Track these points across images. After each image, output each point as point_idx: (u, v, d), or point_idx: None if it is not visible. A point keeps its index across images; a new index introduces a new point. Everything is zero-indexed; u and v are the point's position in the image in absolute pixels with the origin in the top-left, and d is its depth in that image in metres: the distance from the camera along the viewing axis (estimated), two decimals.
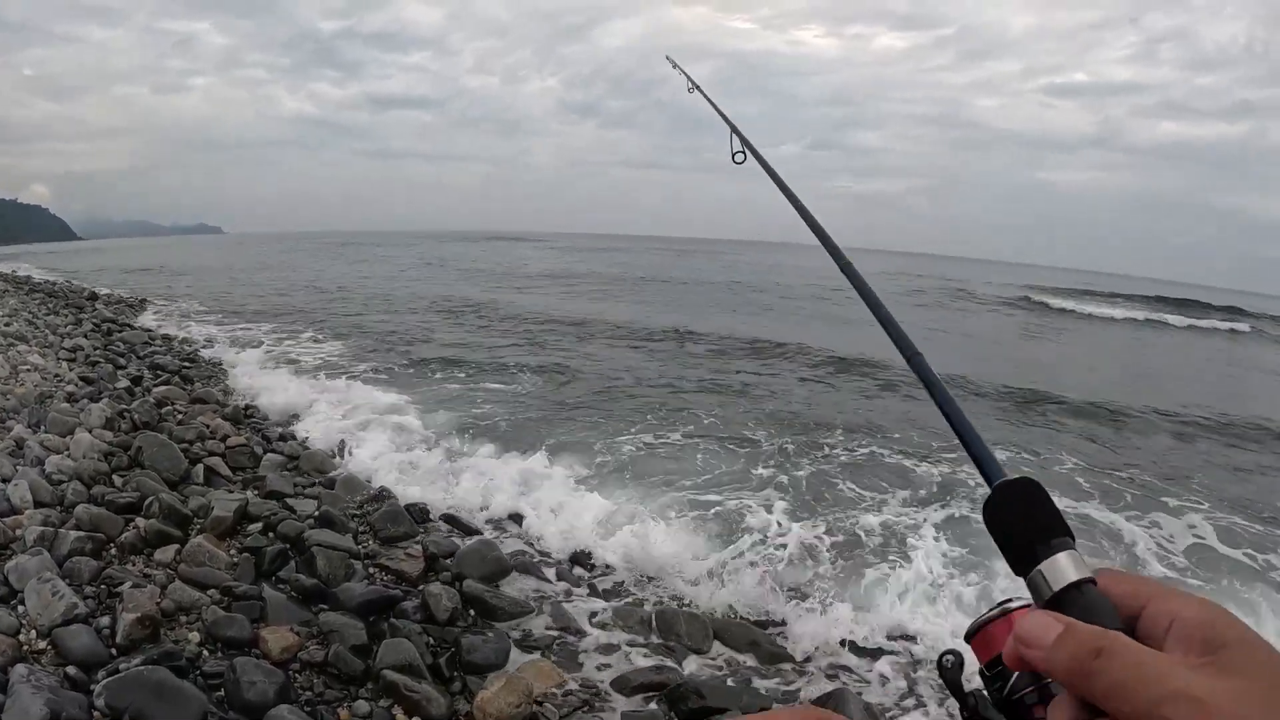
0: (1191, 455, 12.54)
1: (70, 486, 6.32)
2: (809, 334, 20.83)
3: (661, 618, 5.92)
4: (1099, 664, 0.65)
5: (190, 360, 14.34)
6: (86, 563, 5.16)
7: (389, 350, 16.87)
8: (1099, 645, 0.66)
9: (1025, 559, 0.78)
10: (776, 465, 9.68)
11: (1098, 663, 0.65)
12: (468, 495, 8.08)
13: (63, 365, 11.65)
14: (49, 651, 4.27)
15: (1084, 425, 13.62)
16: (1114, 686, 0.64)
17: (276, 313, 22.49)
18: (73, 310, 20.01)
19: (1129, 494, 9.50)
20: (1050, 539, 0.78)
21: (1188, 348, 31.06)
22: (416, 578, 6.04)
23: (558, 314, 23.55)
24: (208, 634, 4.78)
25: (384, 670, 4.69)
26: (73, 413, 8.42)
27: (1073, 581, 0.74)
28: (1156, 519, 8.68)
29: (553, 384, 14.05)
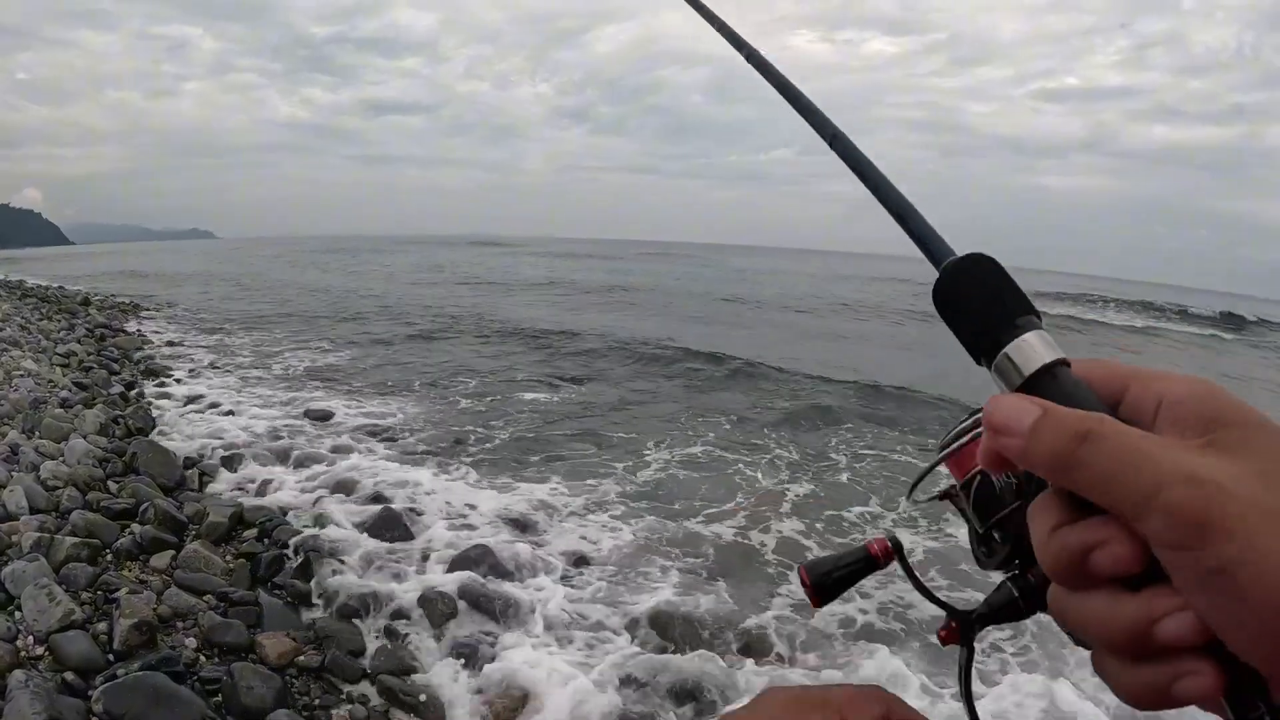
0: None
1: (65, 492, 6.34)
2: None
3: (654, 619, 5.94)
4: (1085, 450, 0.56)
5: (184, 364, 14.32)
6: (83, 569, 5.17)
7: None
8: (1084, 428, 0.57)
9: (988, 345, 0.67)
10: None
11: (1084, 449, 0.56)
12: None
13: (56, 371, 11.63)
14: (47, 657, 4.28)
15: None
16: (1105, 475, 0.55)
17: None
18: (66, 316, 19.97)
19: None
20: (1015, 318, 0.67)
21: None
22: (411, 581, 6.04)
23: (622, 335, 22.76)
24: (205, 639, 4.79)
25: (381, 675, 4.71)
26: (67, 418, 8.42)
27: (1046, 363, 0.64)
28: None
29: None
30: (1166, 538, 0.52)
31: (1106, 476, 0.55)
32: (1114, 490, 0.55)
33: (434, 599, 5.64)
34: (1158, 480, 0.53)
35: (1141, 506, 0.53)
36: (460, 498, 8.09)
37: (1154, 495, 0.53)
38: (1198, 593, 0.52)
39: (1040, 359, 0.64)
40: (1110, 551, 0.55)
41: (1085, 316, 38.32)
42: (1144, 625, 0.54)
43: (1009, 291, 0.69)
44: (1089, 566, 0.56)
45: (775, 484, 9.29)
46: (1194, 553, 0.51)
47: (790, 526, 8.00)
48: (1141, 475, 0.54)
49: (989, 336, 0.67)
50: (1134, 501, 0.54)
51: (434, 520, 7.28)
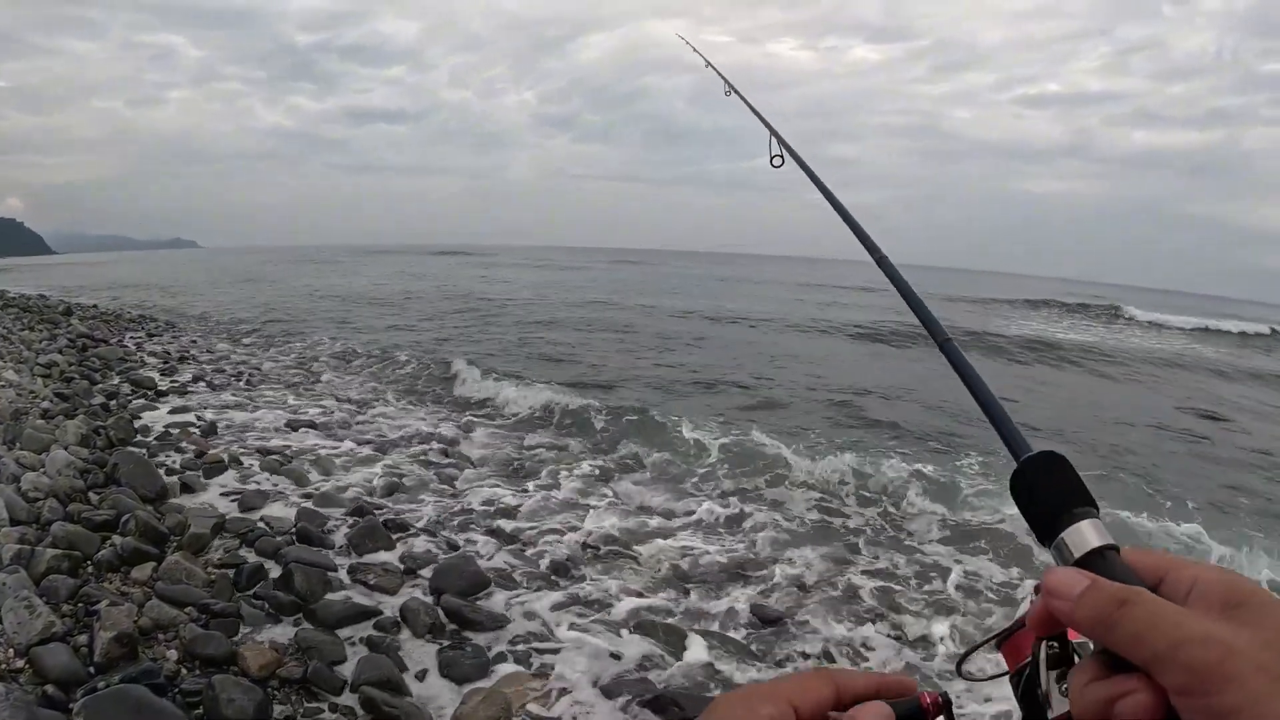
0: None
1: (46, 504, 6.31)
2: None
3: (641, 628, 5.94)
4: (1122, 613, 0.68)
5: (166, 374, 14.26)
6: (63, 580, 5.16)
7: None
8: (1123, 596, 0.69)
9: (1049, 529, 0.80)
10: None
11: (1122, 611, 0.68)
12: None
13: (38, 381, 11.59)
14: (27, 670, 4.27)
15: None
16: (1136, 634, 0.67)
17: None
18: (48, 325, 19.88)
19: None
20: (1073, 508, 0.80)
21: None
22: (394, 591, 6.05)
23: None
24: (186, 651, 4.77)
25: (363, 685, 4.70)
26: (48, 429, 8.38)
27: (1095, 547, 0.77)
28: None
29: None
30: (1184, 686, 0.63)
31: (1138, 635, 0.66)
32: (1143, 647, 0.66)
33: (417, 609, 5.64)
34: (1179, 638, 0.64)
35: (1164, 659, 0.64)
36: (441, 506, 8.11)
37: (1175, 650, 0.64)
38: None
39: (1089, 544, 0.77)
40: (1135, 699, 0.67)
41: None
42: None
43: (1072, 486, 0.82)
44: (1116, 713, 0.68)
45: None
46: (1204, 699, 0.62)
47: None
48: (1166, 634, 0.65)
49: (1050, 522, 0.80)
50: (1158, 655, 0.65)
51: (418, 534, 7.28)
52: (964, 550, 8.03)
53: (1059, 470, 0.84)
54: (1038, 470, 0.85)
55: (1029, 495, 0.84)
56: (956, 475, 10.22)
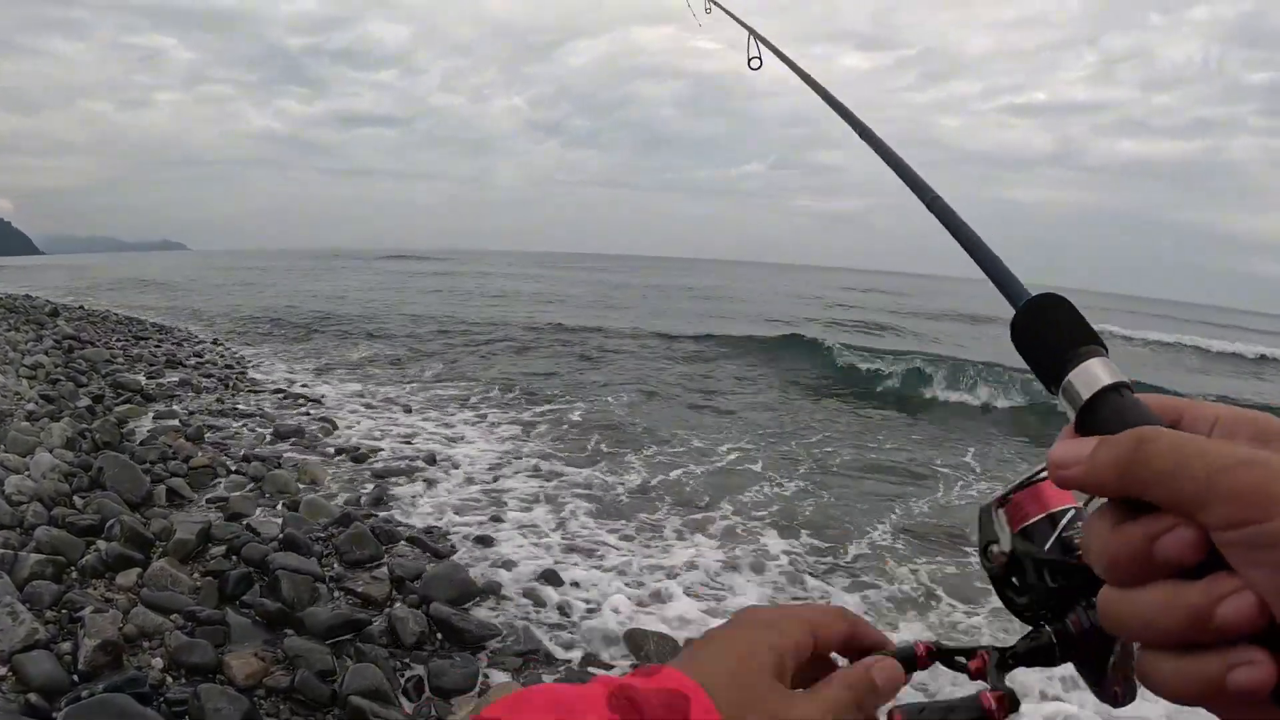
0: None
1: (30, 508, 6.24)
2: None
3: (630, 638, 5.91)
4: (1143, 452, 0.58)
5: (152, 378, 14.20)
6: (47, 586, 5.09)
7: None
8: (1140, 435, 0.60)
9: (1056, 372, 0.74)
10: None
11: (1141, 451, 0.59)
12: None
13: (23, 383, 11.49)
14: (10, 678, 4.21)
15: None
16: (1164, 471, 0.57)
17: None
18: (34, 326, 19.77)
19: None
20: (1079, 346, 0.73)
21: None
22: (383, 601, 6.00)
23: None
24: (171, 660, 4.72)
25: (351, 695, 4.64)
26: (33, 432, 8.31)
27: (1108, 384, 0.69)
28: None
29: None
30: (1228, 518, 0.54)
31: (1166, 473, 0.57)
32: (1174, 484, 0.56)
33: (405, 618, 5.59)
34: (1215, 466, 0.55)
35: (1202, 493, 0.55)
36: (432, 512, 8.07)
37: (1213, 480, 0.54)
38: (1260, 569, 0.53)
39: (1101, 382, 0.69)
40: (1176, 535, 0.56)
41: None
42: (1206, 608, 0.55)
43: (1075, 324, 0.75)
44: (1154, 554, 0.58)
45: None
46: (1256, 527, 0.52)
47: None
48: (1199, 465, 0.55)
49: (1056, 364, 0.73)
50: (1195, 490, 0.55)
51: (406, 542, 7.24)
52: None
53: (1062, 310, 0.77)
54: (1038, 312, 0.79)
55: (1031, 339, 0.78)
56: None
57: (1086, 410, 0.69)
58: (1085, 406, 0.69)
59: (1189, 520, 0.56)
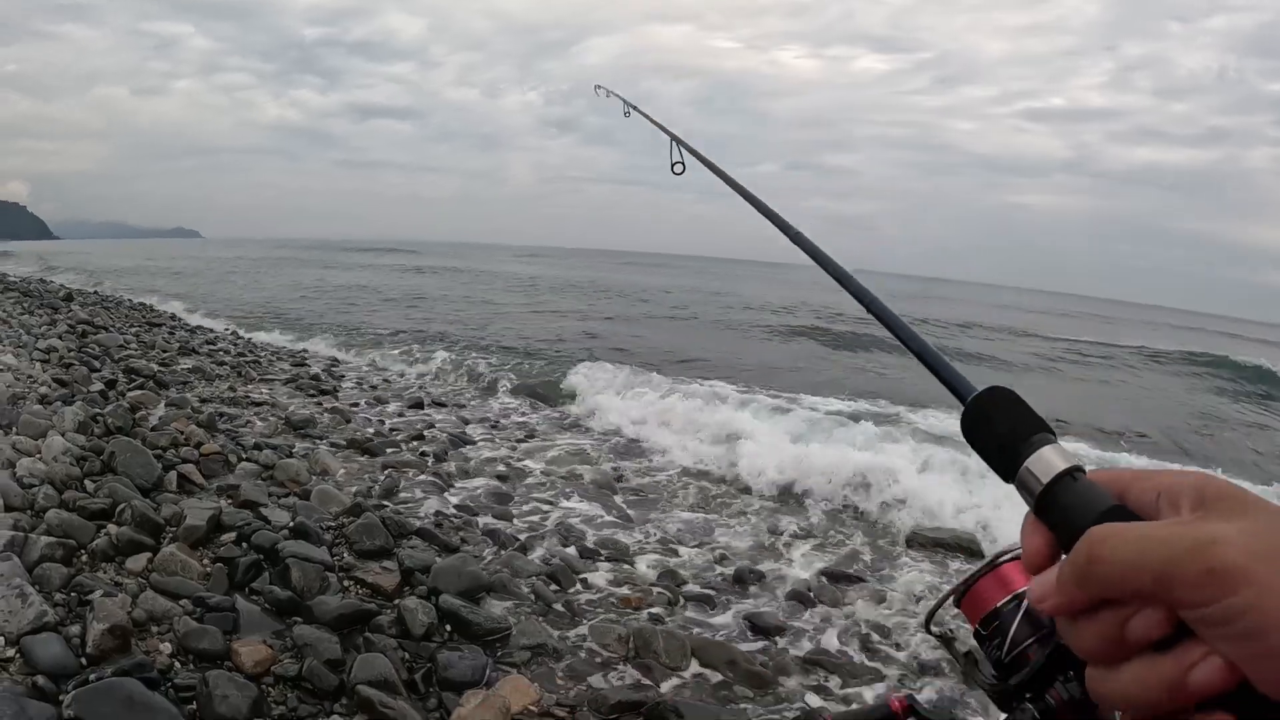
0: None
1: (41, 490, 6.22)
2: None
3: (639, 636, 5.88)
4: (1099, 559, 0.64)
5: (165, 365, 14.21)
6: (57, 569, 5.07)
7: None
8: (1091, 543, 0.65)
9: (1010, 463, 0.78)
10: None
11: (1097, 560, 0.64)
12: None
13: (36, 366, 11.49)
14: (17, 660, 4.18)
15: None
16: (1123, 574, 0.63)
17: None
18: (48, 310, 19.82)
19: None
20: (1030, 436, 0.78)
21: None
22: (392, 592, 5.97)
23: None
24: (180, 645, 4.70)
25: (359, 685, 4.62)
26: (45, 415, 8.29)
27: (1062, 470, 0.74)
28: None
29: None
30: (1186, 601, 0.60)
31: (1124, 574, 0.63)
32: (1135, 581, 0.62)
33: (415, 609, 5.57)
34: (1167, 555, 0.61)
35: (1162, 583, 0.61)
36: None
37: (1168, 570, 0.60)
38: (1223, 640, 0.59)
39: (1055, 469, 0.74)
40: (1143, 617, 0.63)
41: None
42: (1179, 677, 0.61)
43: (1024, 415, 0.80)
44: (1126, 637, 0.64)
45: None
46: (1213, 607, 0.58)
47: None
48: (1154, 557, 0.61)
49: (1010, 454, 0.78)
50: (1154, 582, 0.61)
51: (417, 534, 7.23)
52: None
53: (1010, 402, 0.82)
54: (988, 406, 0.83)
55: (983, 432, 0.82)
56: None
57: (1044, 497, 0.74)
58: (1042, 494, 0.74)
59: (1153, 601, 0.62)
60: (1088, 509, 0.70)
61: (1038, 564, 0.73)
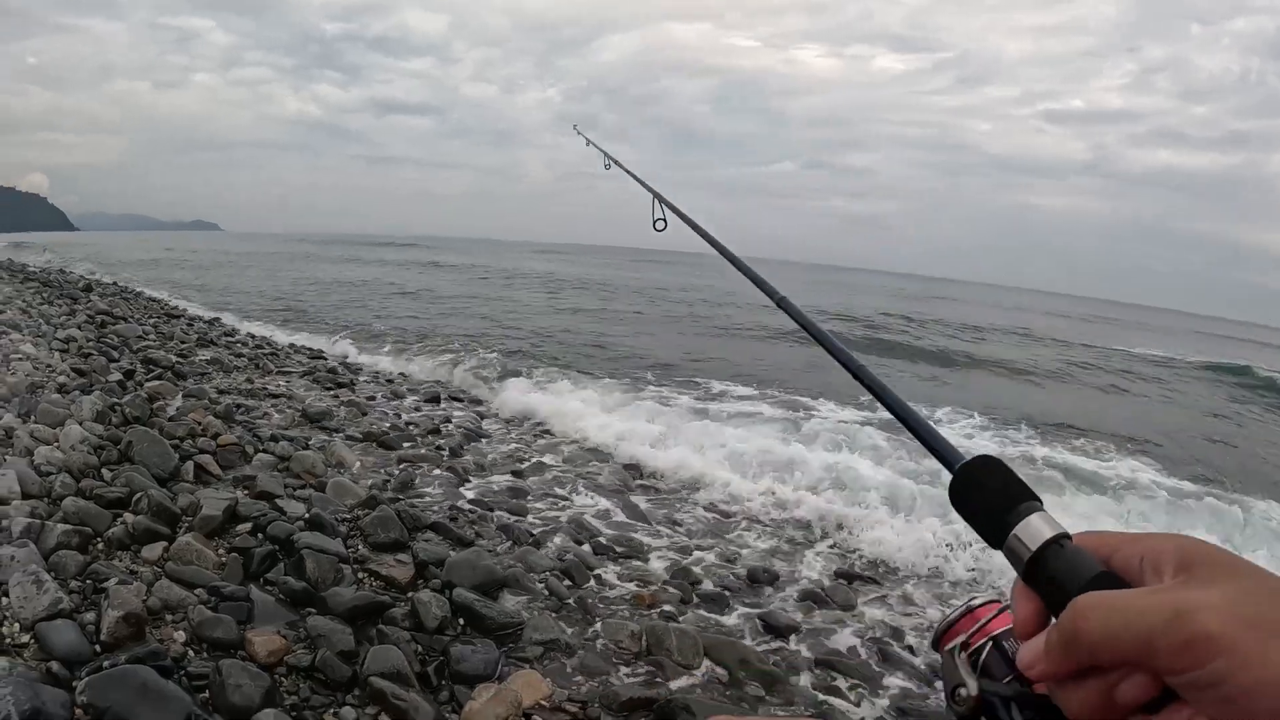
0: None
1: (59, 479, 6.24)
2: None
3: (651, 634, 5.87)
4: (1085, 629, 0.67)
5: (183, 356, 14.27)
6: (73, 556, 5.08)
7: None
8: (1076, 614, 0.68)
9: (998, 530, 0.80)
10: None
11: (1083, 629, 0.67)
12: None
13: (55, 356, 11.54)
14: (31, 646, 4.19)
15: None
16: (1107, 643, 0.65)
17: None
18: (67, 300, 19.92)
19: None
20: (1018, 505, 0.80)
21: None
22: (406, 584, 5.98)
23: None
24: (194, 634, 4.70)
25: (371, 677, 4.62)
26: (64, 404, 8.33)
27: (1050, 538, 0.76)
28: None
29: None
30: (1170, 668, 0.63)
31: (1109, 643, 0.65)
32: (1120, 649, 0.65)
33: (429, 602, 5.57)
34: (1149, 625, 0.63)
35: (1145, 651, 0.63)
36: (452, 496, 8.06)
37: (1151, 638, 0.63)
38: (1206, 704, 0.62)
39: (1042, 536, 0.76)
40: (1131, 683, 0.66)
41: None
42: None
43: (1010, 483, 0.82)
44: (1115, 701, 0.67)
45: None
46: (1196, 672, 0.61)
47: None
48: (1138, 626, 0.64)
49: (998, 522, 0.80)
50: (1138, 650, 0.64)
51: (432, 527, 7.22)
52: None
53: (998, 471, 0.84)
54: (976, 475, 0.85)
55: (972, 500, 0.84)
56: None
57: (1032, 564, 0.76)
58: (1030, 561, 0.76)
59: (1138, 668, 0.65)
60: (1075, 576, 0.73)
61: (1028, 630, 0.75)
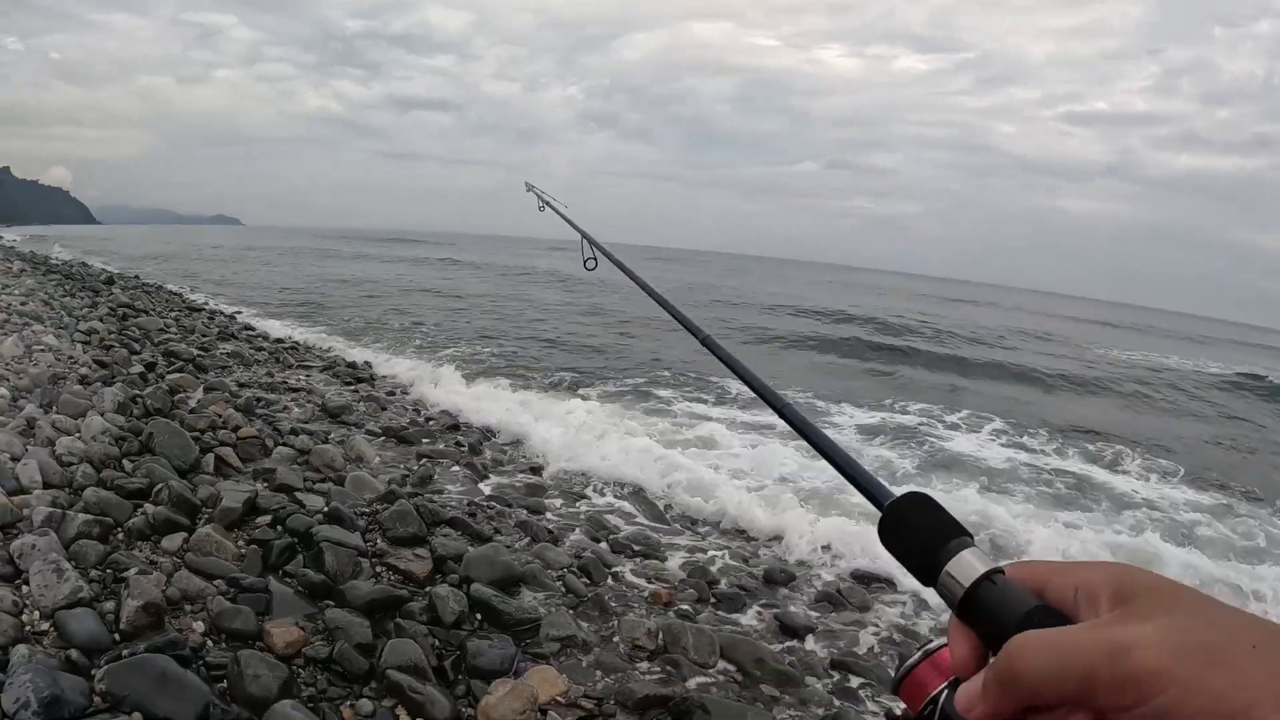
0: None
1: (80, 469, 6.28)
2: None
3: (668, 632, 5.85)
4: (1022, 669, 0.65)
5: (204, 349, 14.33)
6: (93, 546, 5.11)
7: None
8: (1010, 654, 0.67)
9: (930, 568, 0.79)
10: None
11: (1020, 670, 0.66)
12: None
13: (77, 348, 11.62)
14: (51, 633, 4.21)
15: None
16: (1046, 684, 0.64)
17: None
18: (89, 293, 20.04)
19: None
20: (949, 541, 0.79)
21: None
22: (424, 579, 5.98)
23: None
24: (212, 624, 4.72)
25: (388, 670, 4.63)
26: (85, 395, 8.38)
27: (982, 574, 0.76)
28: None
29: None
30: (1112, 704, 0.61)
31: (1047, 684, 0.64)
32: (1058, 688, 0.63)
33: (446, 597, 5.57)
34: (1088, 663, 0.62)
35: (1084, 690, 0.62)
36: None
37: (1091, 676, 0.61)
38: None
39: (975, 573, 0.76)
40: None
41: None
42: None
43: (941, 520, 0.81)
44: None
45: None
46: (1138, 709, 0.60)
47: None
48: (1075, 665, 0.63)
49: (928, 562, 0.79)
50: (1077, 689, 0.62)
51: (450, 523, 7.23)
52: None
53: (928, 508, 0.83)
54: (906, 513, 0.84)
55: (902, 539, 0.83)
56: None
57: (966, 601, 0.76)
58: (964, 598, 0.76)
59: (1079, 707, 0.63)
60: (1009, 611, 0.72)
61: (967, 669, 0.74)
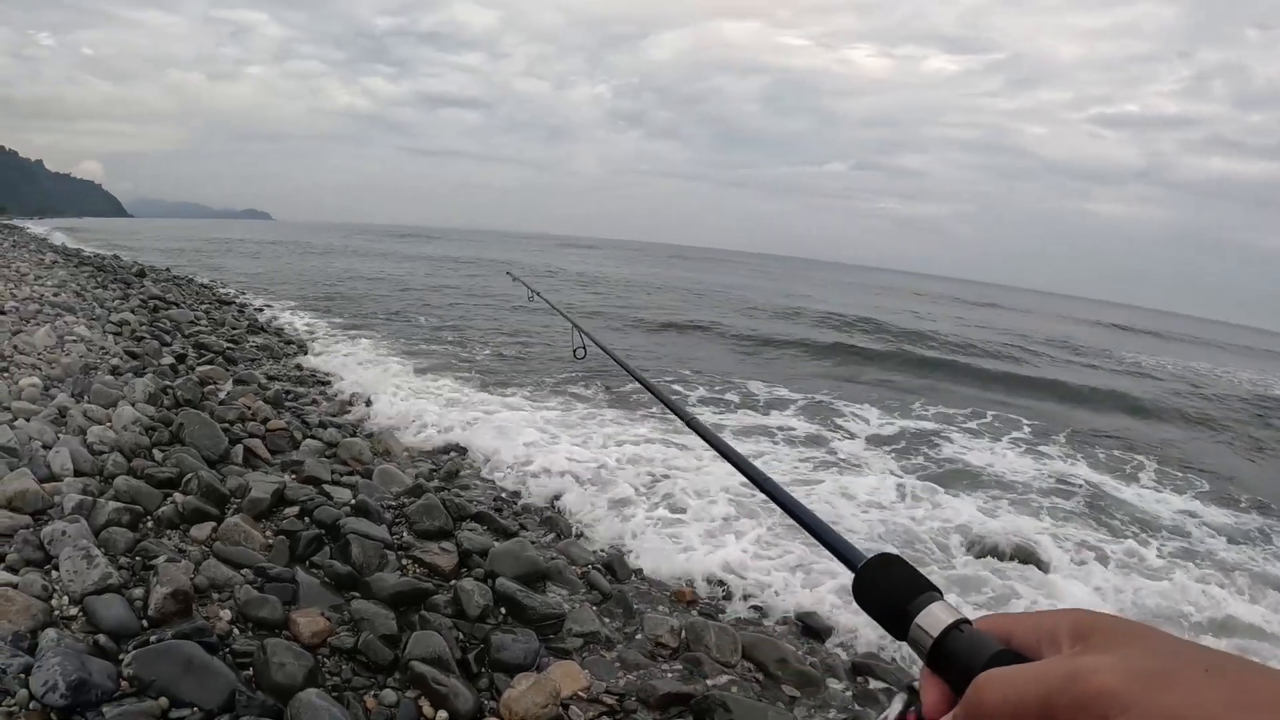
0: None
1: (110, 458, 6.35)
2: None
3: (691, 630, 5.85)
4: (983, 699, 0.68)
5: (234, 342, 14.43)
6: (123, 534, 5.17)
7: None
8: (976, 688, 0.69)
9: (901, 622, 0.84)
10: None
11: (983, 703, 0.68)
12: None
13: (109, 339, 11.74)
14: (80, 618, 4.26)
15: None
16: (1006, 710, 0.66)
17: None
18: (121, 285, 20.22)
19: None
20: (917, 596, 0.85)
21: None
22: (449, 572, 6.01)
23: None
24: (239, 613, 4.77)
25: (412, 661, 4.65)
26: (116, 385, 8.46)
27: (950, 624, 0.80)
28: None
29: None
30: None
31: (1010, 712, 0.66)
32: (1021, 715, 0.65)
33: (471, 590, 5.59)
34: (1048, 688, 0.64)
35: (1046, 714, 0.63)
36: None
37: (1050, 700, 0.63)
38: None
39: (943, 623, 0.81)
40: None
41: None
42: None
43: (910, 578, 0.88)
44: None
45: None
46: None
47: None
48: (1035, 692, 0.65)
49: (900, 614, 0.84)
50: (1039, 714, 0.64)
51: (476, 517, 7.25)
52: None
53: (897, 567, 0.89)
54: (876, 573, 0.90)
55: (875, 596, 0.89)
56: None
57: (935, 650, 0.80)
58: (933, 647, 0.80)
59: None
60: (975, 656, 0.75)
61: (937, 713, 0.77)
